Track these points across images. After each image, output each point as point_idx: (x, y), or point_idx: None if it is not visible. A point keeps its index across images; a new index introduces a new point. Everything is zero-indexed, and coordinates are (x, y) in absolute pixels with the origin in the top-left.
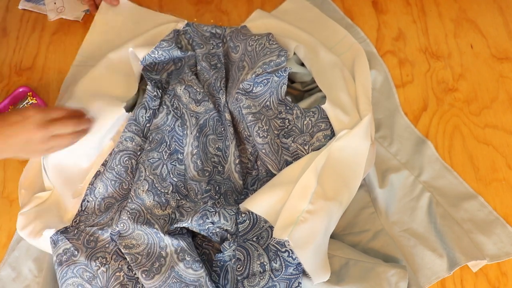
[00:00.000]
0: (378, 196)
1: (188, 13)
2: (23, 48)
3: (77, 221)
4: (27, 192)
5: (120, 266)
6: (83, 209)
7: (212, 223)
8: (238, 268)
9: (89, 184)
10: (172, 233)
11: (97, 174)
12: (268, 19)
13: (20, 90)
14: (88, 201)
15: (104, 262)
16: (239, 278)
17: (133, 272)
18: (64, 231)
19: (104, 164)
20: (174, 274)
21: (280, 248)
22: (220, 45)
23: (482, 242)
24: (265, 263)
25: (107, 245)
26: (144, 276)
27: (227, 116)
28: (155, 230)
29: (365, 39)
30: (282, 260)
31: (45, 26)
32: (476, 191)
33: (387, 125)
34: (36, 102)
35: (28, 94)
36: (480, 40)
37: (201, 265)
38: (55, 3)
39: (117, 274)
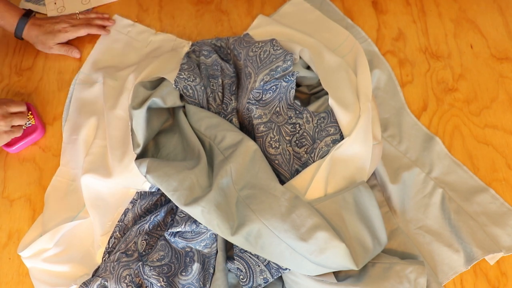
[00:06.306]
0: (391, 195)
1: (188, 13)
2: (23, 48)
3: (105, 258)
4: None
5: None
6: (110, 245)
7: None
8: (242, 279)
9: (118, 222)
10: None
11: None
12: (271, 26)
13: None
14: (115, 238)
15: (130, 279)
16: (244, 286)
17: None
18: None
19: (132, 202)
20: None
21: (281, 266)
22: (229, 56)
23: (497, 234)
24: (268, 278)
25: (130, 264)
26: (184, 274)
27: (235, 120)
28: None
29: (366, 38)
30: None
31: None
32: None
33: (394, 124)
34: (34, 123)
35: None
36: (480, 40)
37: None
38: (55, 3)
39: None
